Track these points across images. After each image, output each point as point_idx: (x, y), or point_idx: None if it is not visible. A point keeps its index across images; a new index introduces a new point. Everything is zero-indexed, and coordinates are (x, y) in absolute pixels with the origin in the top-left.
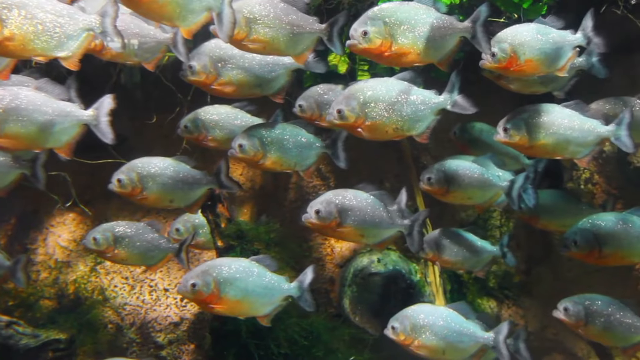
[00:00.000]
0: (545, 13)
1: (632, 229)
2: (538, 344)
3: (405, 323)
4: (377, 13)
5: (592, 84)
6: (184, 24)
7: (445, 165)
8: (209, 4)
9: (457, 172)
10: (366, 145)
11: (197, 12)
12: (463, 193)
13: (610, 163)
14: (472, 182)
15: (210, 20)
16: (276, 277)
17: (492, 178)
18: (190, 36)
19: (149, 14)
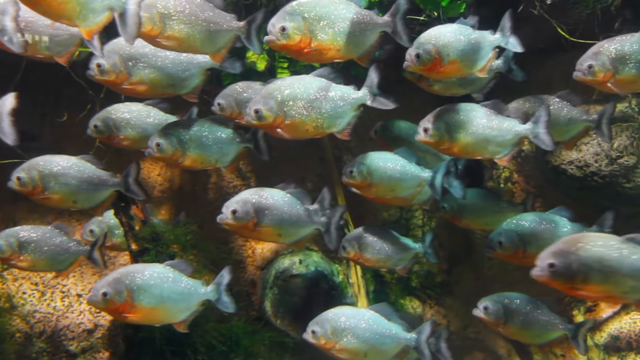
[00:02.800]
0: (464, 11)
1: (555, 228)
2: (460, 342)
3: (325, 327)
4: (296, 8)
5: (510, 84)
6: (84, 24)
7: (367, 158)
8: (110, 3)
9: (379, 165)
10: (287, 144)
11: (98, 11)
12: (386, 185)
13: (529, 162)
14: (394, 174)
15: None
16: (192, 281)
17: (414, 169)
18: (90, 37)
19: (47, 12)
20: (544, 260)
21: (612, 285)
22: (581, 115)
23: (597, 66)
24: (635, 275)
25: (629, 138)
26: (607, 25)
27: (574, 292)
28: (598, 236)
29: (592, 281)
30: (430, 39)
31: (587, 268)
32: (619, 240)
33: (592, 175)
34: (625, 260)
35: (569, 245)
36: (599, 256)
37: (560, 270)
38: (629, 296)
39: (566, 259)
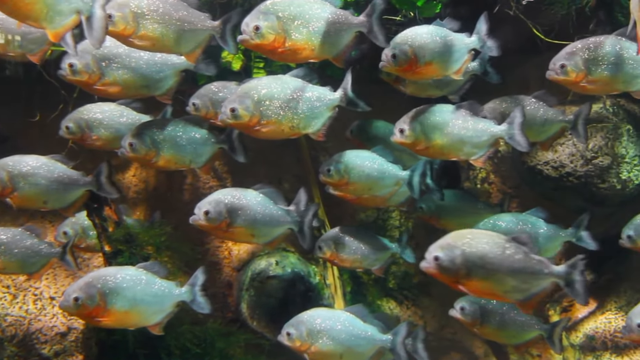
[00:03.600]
0: (439, 11)
1: (531, 229)
2: (436, 343)
3: (301, 329)
4: (270, 7)
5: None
6: (50, 26)
7: (344, 157)
8: (78, 6)
9: (356, 163)
10: (264, 145)
11: (65, 14)
12: (364, 184)
13: (505, 163)
14: (372, 173)
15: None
16: (166, 283)
17: (391, 168)
18: (57, 39)
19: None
20: (430, 253)
21: (493, 283)
22: (557, 115)
23: (569, 66)
24: (517, 276)
25: (603, 139)
26: (582, 26)
27: (458, 287)
28: (484, 233)
29: (474, 277)
30: (407, 39)
31: (470, 264)
32: (504, 239)
33: (567, 175)
34: (507, 260)
35: (455, 240)
36: (482, 253)
37: (445, 263)
38: (510, 295)
39: (451, 253)
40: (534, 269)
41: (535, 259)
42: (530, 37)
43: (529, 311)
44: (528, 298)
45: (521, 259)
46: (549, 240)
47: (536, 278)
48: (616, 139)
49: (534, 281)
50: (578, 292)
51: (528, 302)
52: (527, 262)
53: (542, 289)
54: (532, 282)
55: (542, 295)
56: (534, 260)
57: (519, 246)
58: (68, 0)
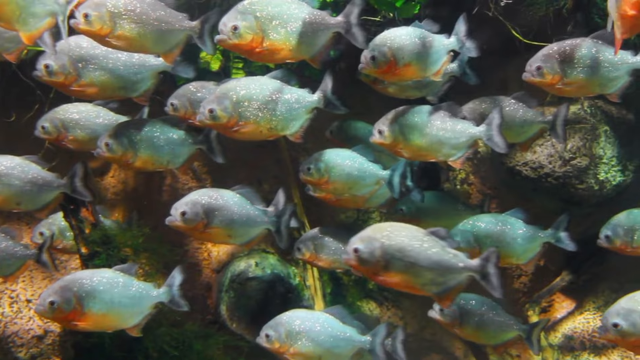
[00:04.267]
0: (418, 12)
1: (510, 230)
2: (416, 344)
3: (280, 330)
4: (248, 7)
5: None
6: (24, 28)
7: (324, 155)
8: (53, 8)
9: (336, 162)
10: (244, 146)
11: (39, 16)
12: (344, 183)
13: (485, 164)
14: (352, 171)
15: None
16: (143, 284)
17: (372, 167)
18: (31, 42)
19: None
20: (351, 245)
21: (411, 275)
22: (536, 116)
23: (545, 68)
24: (433, 269)
25: (581, 140)
26: (560, 27)
27: (377, 279)
28: (403, 227)
29: (392, 269)
30: (386, 41)
31: (389, 256)
32: (422, 233)
33: (546, 176)
34: (425, 253)
35: (375, 233)
36: (401, 246)
37: (364, 255)
38: (427, 288)
39: (370, 246)
40: (450, 263)
41: (452, 252)
42: (509, 38)
43: (445, 305)
44: (444, 291)
45: (438, 252)
46: (528, 241)
47: (452, 272)
48: (594, 140)
49: (450, 275)
50: (493, 285)
51: (444, 296)
52: (443, 255)
53: (458, 283)
54: (448, 275)
55: (459, 289)
56: (450, 254)
57: (437, 240)
58: (42, 3)
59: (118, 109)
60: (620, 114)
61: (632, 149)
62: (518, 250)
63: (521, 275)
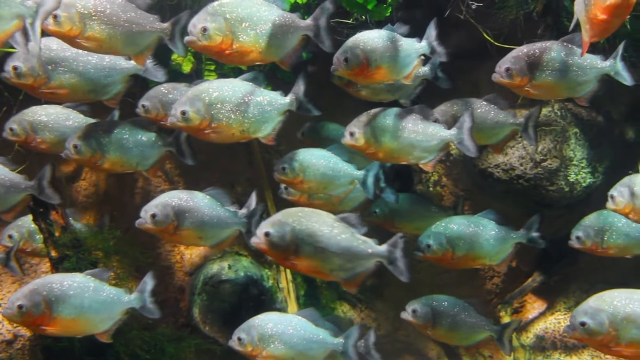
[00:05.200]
0: (390, 15)
1: (482, 231)
2: (390, 346)
3: (252, 333)
4: (217, 9)
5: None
6: None
7: (299, 155)
8: (20, 11)
9: (311, 161)
10: (216, 148)
11: (6, 19)
12: (319, 182)
13: (457, 166)
14: (327, 171)
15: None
16: (114, 290)
17: (346, 167)
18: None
19: None
20: (261, 229)
21: (320, 261)
22: (508, 118)
23: (514, 70)
24: (342, 254)
25: (552, 142)
26: (531, 30)
27: (287, 263)
28: (314, 212)
29: (302, 254)
30: (359, 43)
31: (299, 241)
32: (332, 219)
33: (517, 178)
34: (334, 239)
35: (286, 217)
36: (311, 231)
37: (275, 239)
38: (336, 274)
39: (281, 230)
40: (358, 249)
41: (361, 239)
42: (481, 41)
43: (352, 290)
44: (352, 277)
45: (348, 238)
46: (500, 242)
47: (360, 258)
48: (564, 142)
49: (358, 260)
50: (401, 270)
51: (352, 281)
52: (353, 241)
53: (365, 269)
54: (356, 261)
55: (366, 274)
56: (359, 240)
57: (347, 226)
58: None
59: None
60: (590, 116)
61: (601, 151)
62: (490, 251)
63: (494, 276)
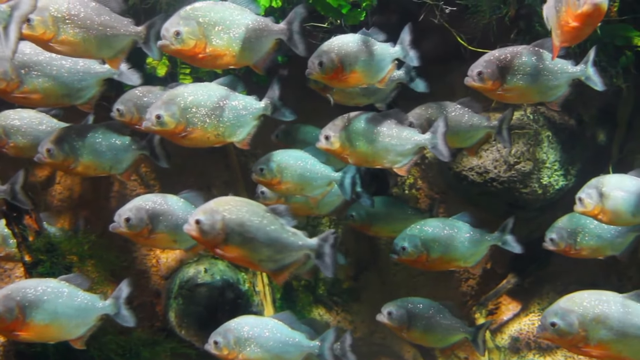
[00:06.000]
0: (365, 19)
1: (457, 234)
2: (366, 348)
3: (228, 337)
4: (190, 13)
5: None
6: None
7: (277, 156)
8: None
9: (289, 162)
10: (193, 151)
11: None
12: (296, 183)
13: (433, 169)
14: (304, 172)
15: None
16: (89, 296)
17: (324, 168)
18: None
19: None
20: (193, 216)
21: (249, 251)
22: (482, 121)
23: (486, 74)
24: (271, 245)
25: (525, 145)
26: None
27: (216, 252)
28: (246, 202)
29: (232, 243)
30: (334, 47)
31: (229, 229)
32: (263, 209)
33: (491, 181)
34: (264, 229)
35: (217, 206)
36: (241, 221)
37: (205, 227)
38: (264, 264)
39: (212, 218)
40: (288, 241)
41: (290, 231)
42: (456, 45)
43: (280, 282)
44: (280, 268)
45: (277, 229)
46: (475, 244)
47: (290, 249)
48: (537, 145)
49: (287, 252)
50: (327, 265)
51: (279, 273)
52: (282, 233)
53: (294, 260)
54: (285, 252)
55: (294, 267)
56: (289, 232)
57: (277, 217)
58: None
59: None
60: (562, 119)
61: (574, 154)
62: (465, 253)
63: (469, 278)
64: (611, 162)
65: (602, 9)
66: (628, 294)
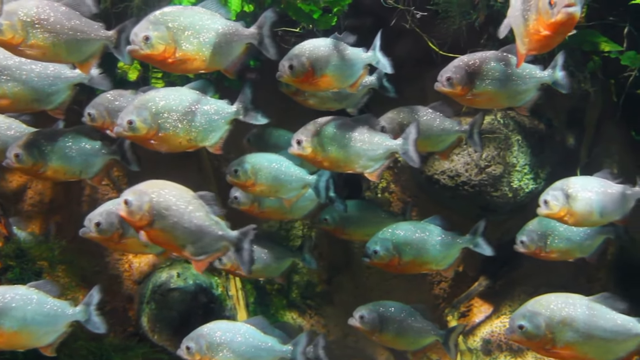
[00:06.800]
0: (336, 24)
1: (429, 237)
2: (339, 352)
3: (200, 342)
4: (160, 17)
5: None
6: None
7: (251, 158)
8: None
9: (263, 164)
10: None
11: None
12: (271, 185)
13: (405, 172)
14: (279, 175)
15: None
16: (59, 302)
17: (298, 171)
18: None
19: None
20: (123, 197)
21: (172, 235)
22: (454, 126)
23: (455, 79)
24: (194, 232)
25: (495, 149)
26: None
27: (143, 233)
28: (176, 187)
29: (156, 226)
30: (305, 51)
31: (155, 212)
32: (192, 196)
33: (463, 184)
34: (188, 215)
35: (147, 187)
36: (168, 204)
37: (133, 207)
38: (187, 250)
39: (140, 199)
40: (209, 229)
41: (214, 219)
42: (428, 50)
43: (199, 270)
44: (201, 255)
45: (201, 216)
46: (447, 247)
47: (210, 238)
48: (507, 149)
49: (208, 240)
50: (244, 260)
51: (201, 261)
52: (206, 221)
53: (215, 250)
54: (206, 241)
55: (216, 256)
56: (212, 220)
57: (203, 205)
58: None
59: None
60: (532, 124)
61: (543, 157)
62: (437, 256)
63: (441, 281)
64: (579, 165)
65: (575, 17)
66: (594, 297)
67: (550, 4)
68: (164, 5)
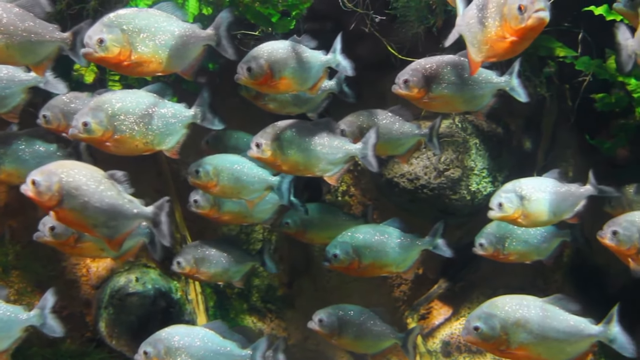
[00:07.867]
0: (294, 28)
1: (388, 239)
2: (300, 355)
3: (158, 347)
4: (114, 20)
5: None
6: None
7: (213, 159)
8: None
9: (225, 165)
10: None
11: None
12: (233, 187)
13: (365, 175)
14: (241, 176)
15: None
16: (12, 307)
17: (261, 172)
18: None
19: None
20: (30, 177)
21: (83, 215)
22: (413, 129)
23: (412, 82)
24: (106, 211)
25: (454, 152)
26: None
27: (52, 213)
28: (85, 167)
29: (66, 206)
30: (263, 53)
31: (64, 192)
32: (102, 175)
33: (422, 187)
34: (99, 194)
35: (57, 168)
36: (78, 184)
37: (42, 188)
38: (99, 230)
39: (49, 179)
40: (123, 207)
41: (127, 198)
42: (387, 54)
43: (114, 248)
44: (115, 235)
45: (113, 195)
46: (406, 249)
47: (124, 217)
48: (465, 152)
49: (122, 219)
50: (164, 234)
51: (114, 240)
52: (118, 199)
53: (129, 228)
54: (120, 220)
55: (129, 232)
56: (125, 199)
57: (115, 184)
58: None
59: None
60: (490, 128)
61: (501, 161)
62: (397, 259)
63: (401, 284)
64: (536, 168)
65: (546, 22)
66: (548, 298)
67: (520, 9)
68: (120, 7)
